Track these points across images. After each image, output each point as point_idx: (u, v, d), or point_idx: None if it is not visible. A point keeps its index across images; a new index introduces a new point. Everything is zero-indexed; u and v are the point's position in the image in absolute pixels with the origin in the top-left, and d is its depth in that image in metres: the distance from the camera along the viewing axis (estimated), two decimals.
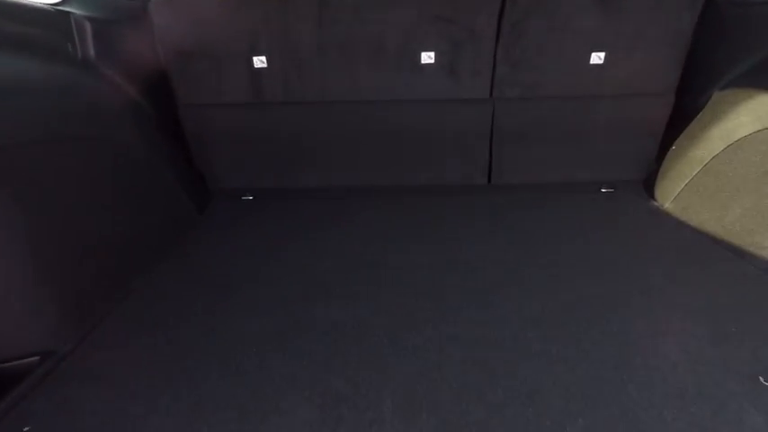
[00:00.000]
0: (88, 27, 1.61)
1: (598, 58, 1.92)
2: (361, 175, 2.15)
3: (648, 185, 2.06)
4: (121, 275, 1.40)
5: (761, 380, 0.99)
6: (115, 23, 1.78)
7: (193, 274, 1.48)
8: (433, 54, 1.93)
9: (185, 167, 2.01)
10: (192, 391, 1.02)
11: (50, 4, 1.70)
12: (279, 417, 0.95)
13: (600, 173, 2.14)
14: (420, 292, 1.34)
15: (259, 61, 1.94)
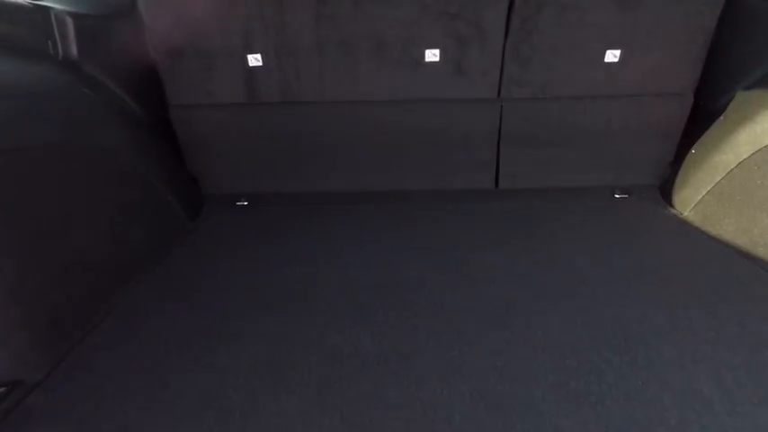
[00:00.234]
0: (70, 23, 1.50)
1: (613, 55, 1.81)
2: (362, 179, 2.04)
3: (665, 191, 1.95)
4: (101, 294, 1.30)
5: None
6: (101, 19, 1.67)
7: (179, 291, 1.38)
8: (437, 51, 1.82)
9: (177, 172, 1.91)
10: (174, 428, 0.93)
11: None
12: None
13: (613, 177, 2.03)
14: (426, 312, 1.24)
15: (254, 59, 1.83)
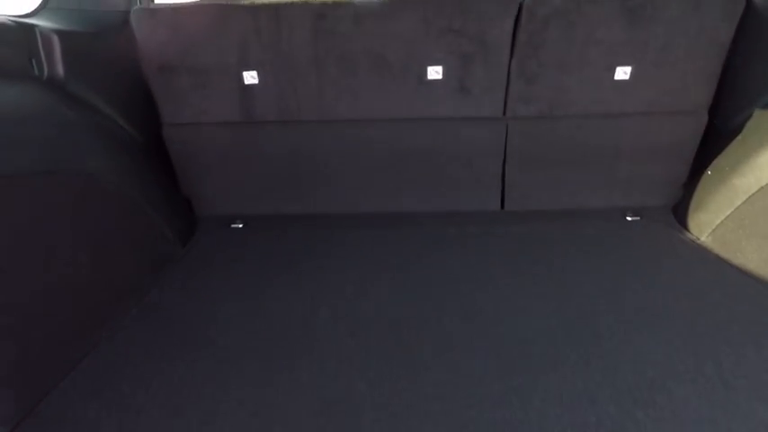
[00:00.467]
0: (56, 42, 1.44)
1: (623, 72, 1.73)
2: (362, 200, 1.96)
3: (679, 213, 1.86)
4: (79, 332, 1.21)
5: None
6: (90, 37, 1.61)
7: (165, 327, 1.29)
8: (440, 69, 1.75)
9: (169, 194, 1.84)
10: None
11: (16, 16, 1.54)
12: None
13: (624, 198, 1.94)
14: (429, 357, 1.14)
15: (250, 76, 1.77)
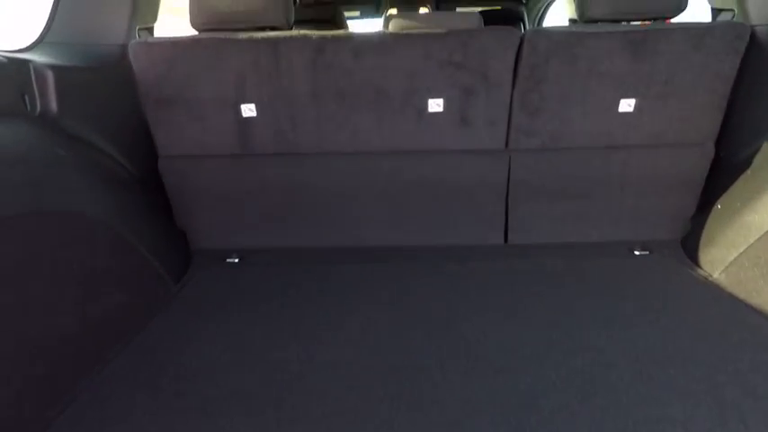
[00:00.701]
0: (50, 77, 1.41)
1: (628, 105, 1.70)
2: (361, 234, 1.91)
3: (688, 247, 1.80)
4: (57, 386, 1.13)
5: None
6: (86, 71, 1.59)
7: (152, 377, 1.21)
8: (441, 101, 1.72)
9: (164, 229, 1.78)
10: None
11: (10, 51, 1.52)
12: None
13: (630, 232, 1.89)
14: (428, 409, 1.06)
15: (248, 109, 1.74)
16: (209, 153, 1.81)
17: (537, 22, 3.67)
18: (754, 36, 1.60)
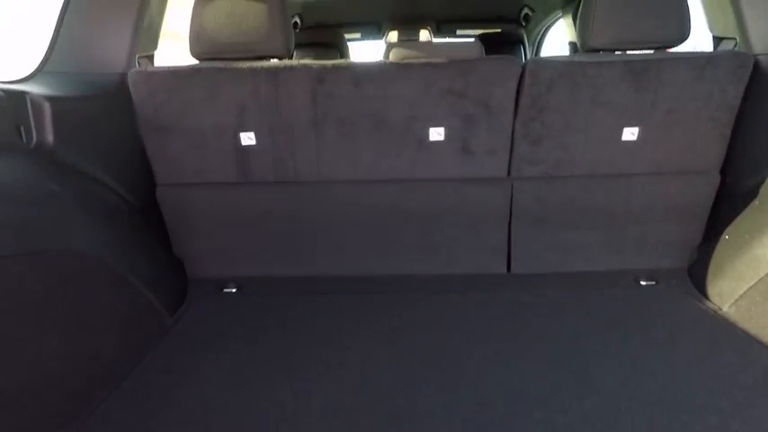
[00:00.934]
0: (47, 109, 1.39)
1: (631, 134, 1.69)
2: (361, 263, 1.87)
3: (696, 278, 1.76)
4: (48, 430, 1.09)
5: None
6: (85, 100, 1.58)
7: (142, 421, 1.15)
8: (442, 130, 1.70)
9: (160, 260, 1.75)
10: None
11: (8, 81, 1.51)
12: None
13: (636, 260, 1.85)
14: None
15: (247, 138, 1.72)
16: (207, 181, 1.79)
17: (537, 44, 3.68)
18: (757, 65, 1.59)
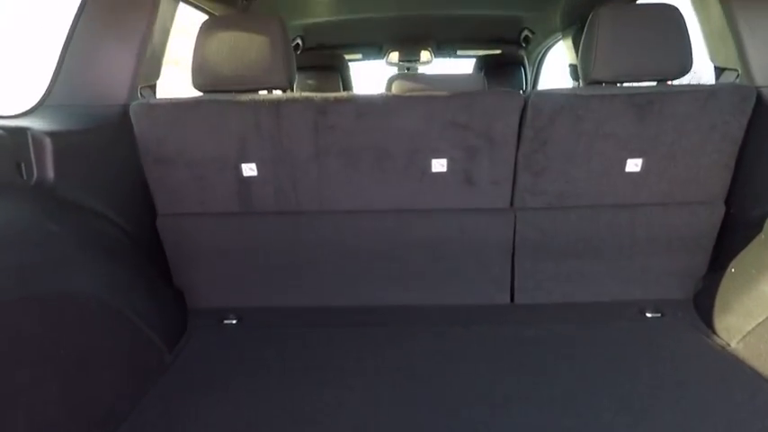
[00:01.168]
0: (48, 145, 1.38)
1: (635, 165, 1.68)
2: (362, 294, 1.85)
3: (701, 310, 1.74)
4: None
5: None
6: (87, 133, 1.57)
7: None
8: (444, 161, 1.70)
9: (161, 292, 1.73)
10: None
11: (9, 116, 1.50)
12: None
13: (640, 291, 1.83)
14: None
15: (248, 169, 1.71)
16: (208, 211, 1.78)
17: (537, 65, 3.70)
18: (760, 97, 1.59)
